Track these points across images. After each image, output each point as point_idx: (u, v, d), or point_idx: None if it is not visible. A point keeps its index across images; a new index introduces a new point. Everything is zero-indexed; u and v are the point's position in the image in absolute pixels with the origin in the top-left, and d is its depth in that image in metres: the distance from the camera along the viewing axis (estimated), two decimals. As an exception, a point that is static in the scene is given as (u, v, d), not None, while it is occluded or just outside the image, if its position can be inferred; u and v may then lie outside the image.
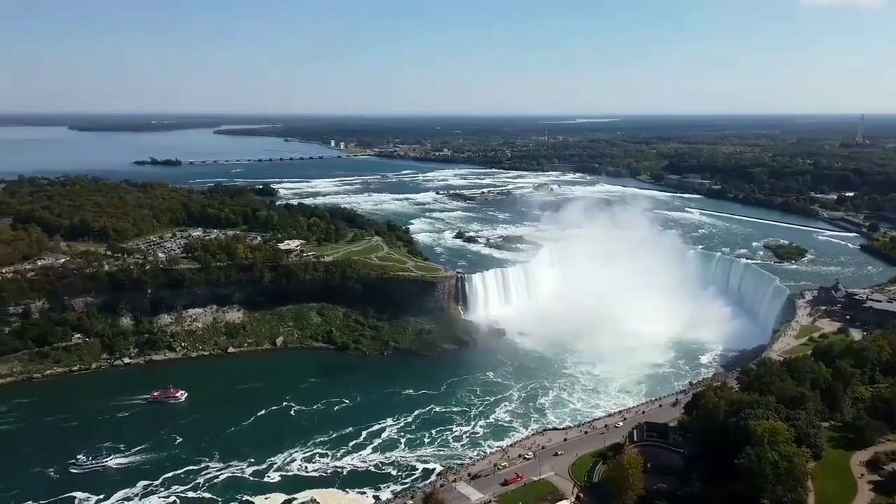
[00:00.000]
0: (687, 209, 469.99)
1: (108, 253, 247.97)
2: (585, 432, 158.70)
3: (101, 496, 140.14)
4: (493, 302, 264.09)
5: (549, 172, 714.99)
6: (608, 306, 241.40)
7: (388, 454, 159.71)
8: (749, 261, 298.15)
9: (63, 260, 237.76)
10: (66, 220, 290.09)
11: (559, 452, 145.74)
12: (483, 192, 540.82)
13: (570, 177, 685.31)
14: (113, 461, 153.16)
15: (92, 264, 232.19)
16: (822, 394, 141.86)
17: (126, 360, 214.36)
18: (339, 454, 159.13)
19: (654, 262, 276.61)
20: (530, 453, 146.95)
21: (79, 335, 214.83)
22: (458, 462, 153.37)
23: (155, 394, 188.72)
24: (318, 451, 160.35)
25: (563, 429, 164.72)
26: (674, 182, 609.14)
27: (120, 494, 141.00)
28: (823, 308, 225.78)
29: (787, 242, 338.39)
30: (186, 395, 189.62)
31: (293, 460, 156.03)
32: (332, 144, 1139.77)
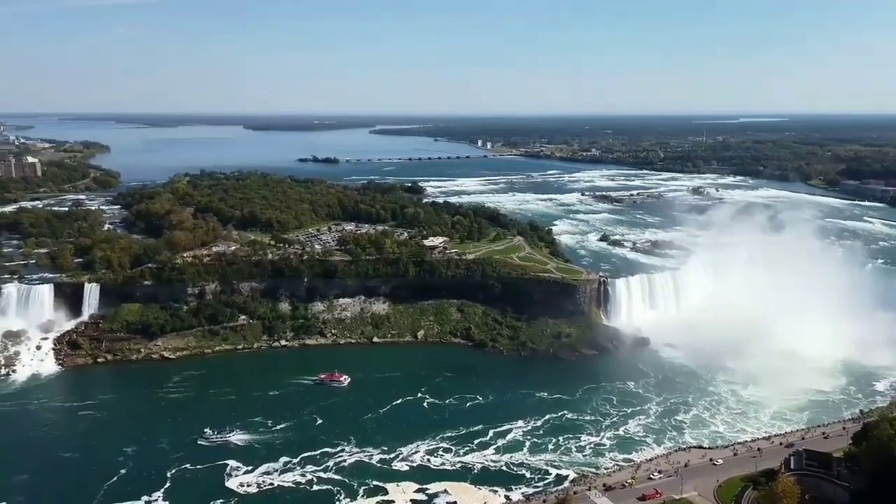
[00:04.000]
0: (866, 218, 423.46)
1: (272, 243, 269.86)
2: (735, 453, 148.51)
3: (250, 467, 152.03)
4: (637, 309, 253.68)
5: (706, 175, 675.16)
6: (767, 322, 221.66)
7: (509, 455, 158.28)
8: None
9: (234, 247, 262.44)
10: (238, 212, 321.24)
11: (704, 473, 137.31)
12: (631, 195, 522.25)
13: (729, 180, 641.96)
14: (235, 437, 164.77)
15: (258, 252, 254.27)
16: None
17: (283, 342, 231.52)
18: (461, 451, 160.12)
19: (822, 276, 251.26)
20: (671, 469, 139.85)
21: (244, 317, 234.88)
22: (593, 470, 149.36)
23: (322, 376, 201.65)
24: (444, 445, 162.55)
25: (709, 448, 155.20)
26: (851, 188, 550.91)
27: (264, 468, 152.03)
28: None
29: None
30: (350, 379, 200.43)
31: (417, 452, 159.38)
32: (479, 144, 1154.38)
